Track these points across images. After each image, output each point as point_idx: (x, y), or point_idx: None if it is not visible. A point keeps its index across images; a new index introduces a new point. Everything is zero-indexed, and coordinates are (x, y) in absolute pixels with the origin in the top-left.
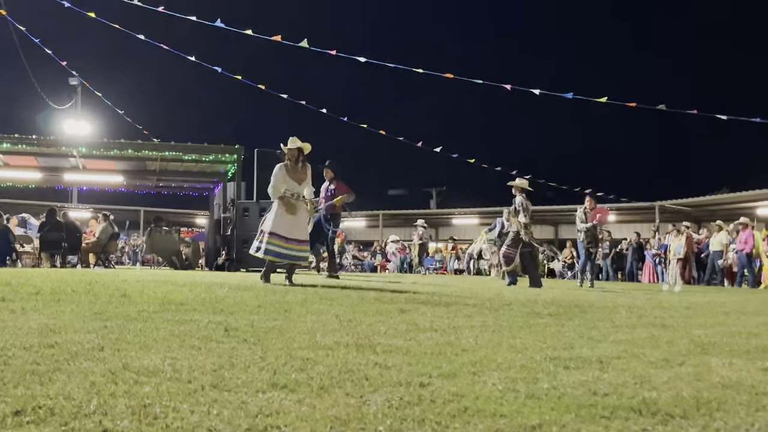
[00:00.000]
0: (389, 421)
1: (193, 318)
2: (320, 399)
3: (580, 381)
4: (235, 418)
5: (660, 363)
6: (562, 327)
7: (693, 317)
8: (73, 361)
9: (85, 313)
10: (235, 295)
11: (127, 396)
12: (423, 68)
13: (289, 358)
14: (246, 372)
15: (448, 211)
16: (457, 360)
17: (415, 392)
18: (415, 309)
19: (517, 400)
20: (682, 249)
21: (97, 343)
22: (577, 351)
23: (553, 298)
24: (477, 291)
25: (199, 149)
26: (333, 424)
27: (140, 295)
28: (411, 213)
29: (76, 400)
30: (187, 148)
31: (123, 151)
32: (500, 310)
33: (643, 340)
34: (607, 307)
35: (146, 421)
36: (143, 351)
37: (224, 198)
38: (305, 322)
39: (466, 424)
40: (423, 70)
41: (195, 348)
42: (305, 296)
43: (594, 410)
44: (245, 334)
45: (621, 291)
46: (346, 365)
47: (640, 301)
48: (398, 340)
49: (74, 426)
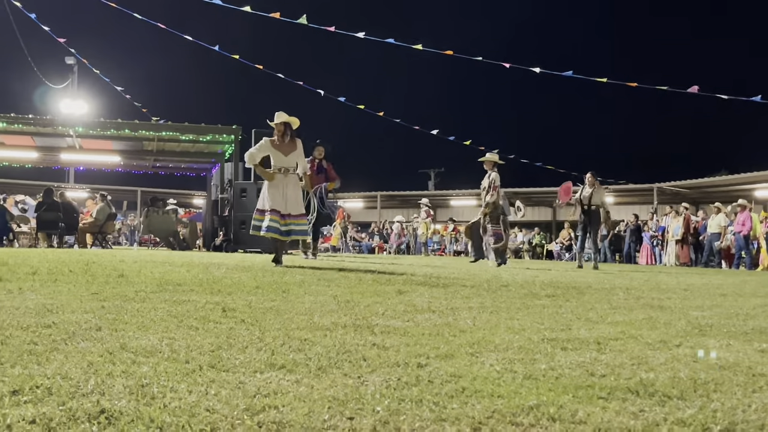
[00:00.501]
0: (387, 401)
1: (190, 298)
2: (318, 379)
3: (577, 362)
4: (232, 399)
5: (657, 344)
6: (559, 308)
7: (690, 299)
8: (71, 341)
9: (83, 293)
10: (233, 275)
11: (125, 376)
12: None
13: (286, 339)
14: (244, 352)
15: (446, 192)
16: (454, 341)
17: (413, 373)
18: (413, 290)
19: (515, 381)
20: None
21: (94, 323)
22: (575, 332)
23: (551, 280)
24: (475, 272)
25: (196, 129)
26: (331, 405)
27: (137, 275)
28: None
29: (73, 380)
30: (184, 128)
31: (120, 131)
32: (498, 292)
33: (640, 321)
34: (605, 289)
35: (144, 401)
36: (141, 331)
37: (222, 178)
38: (303, 303)
39: (463, 404)
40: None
41: (193, 328)
42: (303, 277)
43: (591, 391)
44: (243, 315)
45: (618, 273)
46: (344, 346)
47: (637, 282)
48: (396, 321)
49: (72, 405)
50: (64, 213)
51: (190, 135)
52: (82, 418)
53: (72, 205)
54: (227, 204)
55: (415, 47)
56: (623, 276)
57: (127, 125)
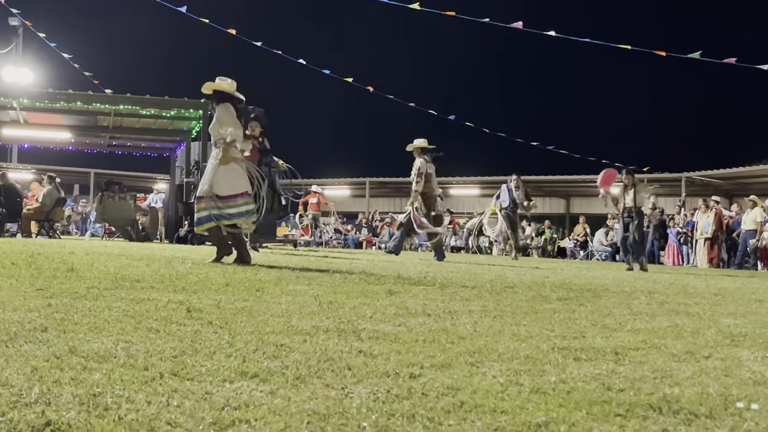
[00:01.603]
0: (374, 416)
1: (150, 297)
2: (296, 390)
3: (592, 374)
4: (198, 411)
5: (683, 356)
6: (572, 313)
7: (721, 305)
8: (12, 344)
9: (26, 289)
10: (199, 271)
11: (74, 384)
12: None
13: (260, 344)
14: (211, 359)
15: (445, 180)
16: (452, 349)
17: (404, 384)
18: (406, 291)
19: (521, 395)
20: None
21: (39, 323)
22: (590, 341)
23: (563, 281)
24: (476, 272)
25: (158, 103)
26: (310, 419)
27: (90, 269)
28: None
29: (15, 388)
30: (144, 101)
31: (71, 104)
32: (502, 294)
33: (664, 329)
34: (624, 292)
35: (96, 413)
36: (93, 333)
37: (187, 160)
38: (279, 304)
39: (462, 420)
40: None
41: (153, 331)
42: (279, 274)
43: (608, 407)
44: (210, 316)
45: (640, 274)
46: (326, 353)
47: (661, 285)
48: (386, 325)
49: (13, 417)
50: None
51: (151, 109)
52: (24, 430)
53: (15, 188)
54: (193, 189)
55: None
56: (645, 278)
57: (80, 97)
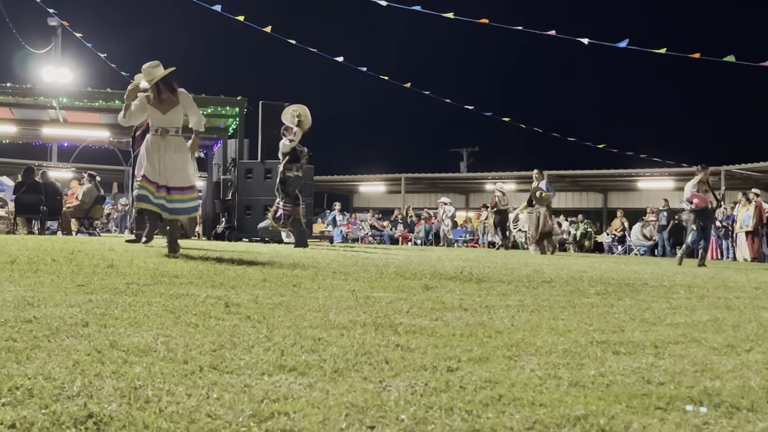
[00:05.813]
0: (413, 408)
1: (189, 292)
2: (334, 383)
3: (631, 368)
4: (237, 403)
5: (724, 349)
6: (610, 308)
7: (762, 298)
8: (54, 338)
9: (67, 285)
10: (237, 267)
11: (116, 377)
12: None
13: (298, 338)
14: (249, 352)
15: (480, 175)
16: (490, 343)
17: (442, 377)
18: (442, 285)
19: (559, 389)
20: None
21: (80, 318)
22: (628, 334)
23: (601, 276)
24: (513, 267)
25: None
26: (348, 412)
27: (129, 265)
28: (437, 177)
29: (57, 381)
30: None
31: (109, 103)
32: (539, 288)
33: (704, 323)
34: (663, 286)
35: (137, 405)
36: (133, 328)
37: (224, 157)
38: (316, 299)
39: (500, 413)
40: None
41: (192, 325)
42: (316, 270)
43: (648, 400)
44: (248, 311)
45: (680, 269)
46: (363, 346)
47: (701, 279)
48: (422, 319)
49: (56, 409)
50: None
51: None
52: (67, 422)
53: (55, 186)
54: (230, 186)
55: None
56: (685, 272)
57: (118, 96)
